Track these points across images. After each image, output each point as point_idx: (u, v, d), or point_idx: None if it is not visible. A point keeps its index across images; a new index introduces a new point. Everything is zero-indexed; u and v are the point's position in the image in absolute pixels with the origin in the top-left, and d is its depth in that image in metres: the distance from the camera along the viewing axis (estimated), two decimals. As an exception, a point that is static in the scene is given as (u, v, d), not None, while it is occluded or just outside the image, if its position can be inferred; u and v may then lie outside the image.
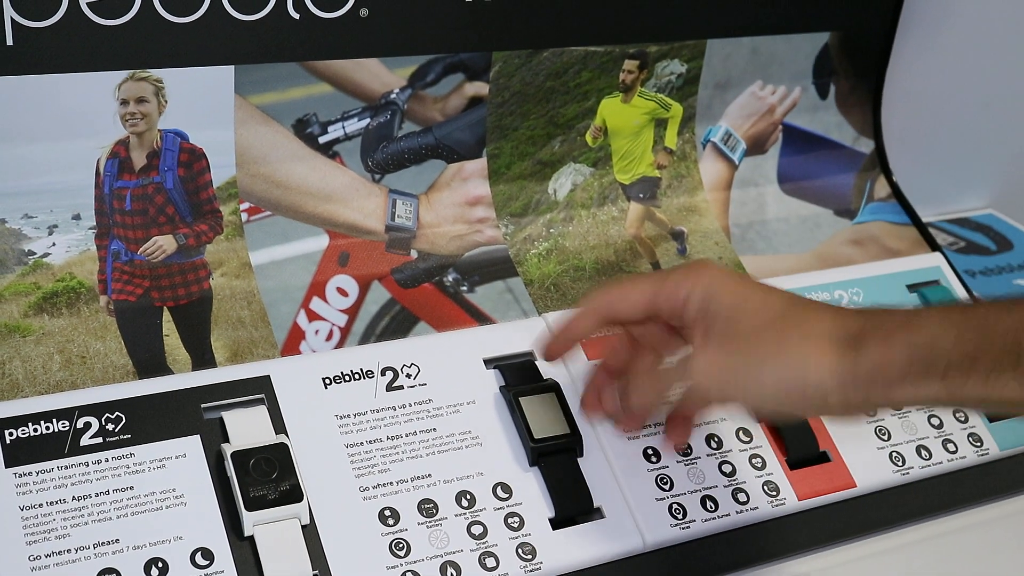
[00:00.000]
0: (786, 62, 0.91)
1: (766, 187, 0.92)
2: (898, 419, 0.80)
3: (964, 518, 0.81)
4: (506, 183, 0.83)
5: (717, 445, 0.75)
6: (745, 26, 0.87)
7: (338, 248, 0.77)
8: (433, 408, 0.71)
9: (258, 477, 0.63)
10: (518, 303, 0.79)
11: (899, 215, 0.94)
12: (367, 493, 0.66)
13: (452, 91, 0.80)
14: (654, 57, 0.85)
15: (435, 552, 0.65)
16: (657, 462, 0.73)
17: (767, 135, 0.92)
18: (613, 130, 0.86)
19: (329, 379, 0.70)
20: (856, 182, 0.95)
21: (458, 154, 0.81)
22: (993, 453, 0.81)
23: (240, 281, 0.74)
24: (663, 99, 0.87)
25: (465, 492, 0.68)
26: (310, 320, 0.74)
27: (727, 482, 0.73)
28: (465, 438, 0.70)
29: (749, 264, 0.87)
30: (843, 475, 0.76)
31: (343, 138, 0.78)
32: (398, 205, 0.79)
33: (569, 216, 0.84)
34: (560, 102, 0.84)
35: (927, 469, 0.78)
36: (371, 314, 0.76)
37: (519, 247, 0.82)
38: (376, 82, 0.77)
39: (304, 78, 0.75)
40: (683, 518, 0.71)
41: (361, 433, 0.68)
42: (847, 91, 0.95)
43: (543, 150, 0.84)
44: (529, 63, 0.81)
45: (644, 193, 0.87)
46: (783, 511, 0.73)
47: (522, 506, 0.68)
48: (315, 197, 0.77)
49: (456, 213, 0.81)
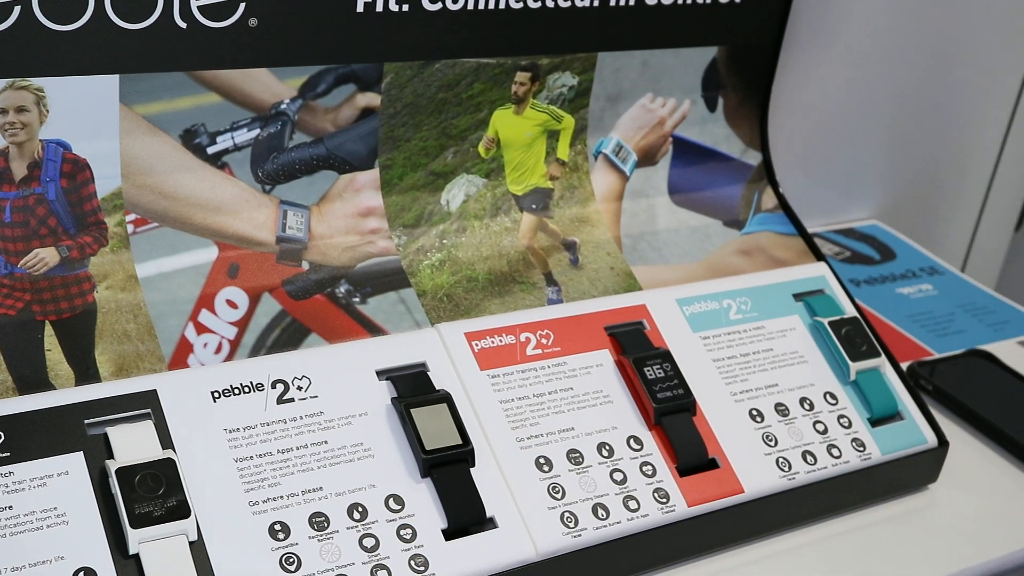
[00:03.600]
0: (676, 75, 0.93)
1: (657, 198, 0.93)
2: (785, 426, 0.82)
3: (848, 521, 0.83)
4: (399, 194, 0.83)
5: (608, 453, 0.75)
6: (635, 40, 0.89)
7: (228, 260, 0.76)
8: (324, 421, 0.70)
9: (144, 494, 0.62)
10: (411, 314, 0.79)
11: (786, 226, 0.96)
12: (257, 508, 0.65)
13: (344, 102, 0.79)
14: (546, 69, 0.86)
15: (326, 566, 0.65)
16: (549, 471, 0.73)
17: (658, 147, 0.94)
18: (506, 141, 0.87)
19: (218, 393, 0.69)
20: (744, 193, 0.97)
21: (350, 165, 0.81)
22: (876, 457, 0.83)
23: (126, 294, 0.72)
24: (555, 111, 0.88)
25: (357, 505, 0.68)
26: (199, 333, 0.73)
27: (618, 490, 0.74)
28: (357, 450, 0.70)
29: (640, 274, 0.88)
30: (731, 481, 0.77)
31: (232, 149, 0.77)
32: (289, 216, 0.79)
33: (462, 227, 0.85)
34: (453, 113, 0.84)
35: (812, 474, 0.80)
36: (261, 326, 0.75)
37: (412, 258, 0.82)
38: (266, 92, 0.76)
39: (192, 88, 0.74)
40: (575, 527, 0.71)
41: (251, 447, 0.68)
42: (735, 104, 0.96)
43: (436, 161, 0.84)
44: (421, 74, 0.81)
45: (537, 204, 0.88)
46: (673, 518, 0.74)
47: (414, 518, 0.68)
48: (204, 208, 0.76)
49: (348, 224, 0.81)
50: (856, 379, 0.86)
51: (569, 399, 0.77)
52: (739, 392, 0.82)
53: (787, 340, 0.87)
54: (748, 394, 0.82)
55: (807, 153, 1.22)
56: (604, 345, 0.80)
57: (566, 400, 0.77)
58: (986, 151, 1.39)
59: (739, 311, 0.87)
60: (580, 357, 0.79)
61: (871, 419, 0.85)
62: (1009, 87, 1.35)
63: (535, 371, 0.77)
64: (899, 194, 1.35)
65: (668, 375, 0.79)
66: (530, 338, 0.79)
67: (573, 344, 0.80)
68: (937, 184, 1.36)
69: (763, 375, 0.84)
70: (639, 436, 0.77)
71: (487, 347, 0.77)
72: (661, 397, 0.78)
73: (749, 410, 0.81)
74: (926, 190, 1.36)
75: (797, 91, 1.16)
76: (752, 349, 0.85)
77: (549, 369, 0.78)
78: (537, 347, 0.79)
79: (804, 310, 0.89)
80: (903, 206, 1.36)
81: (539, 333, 0.79)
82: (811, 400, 0.84)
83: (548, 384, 0.77)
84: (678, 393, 0.78)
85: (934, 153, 1.33)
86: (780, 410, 0.82)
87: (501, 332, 0.78)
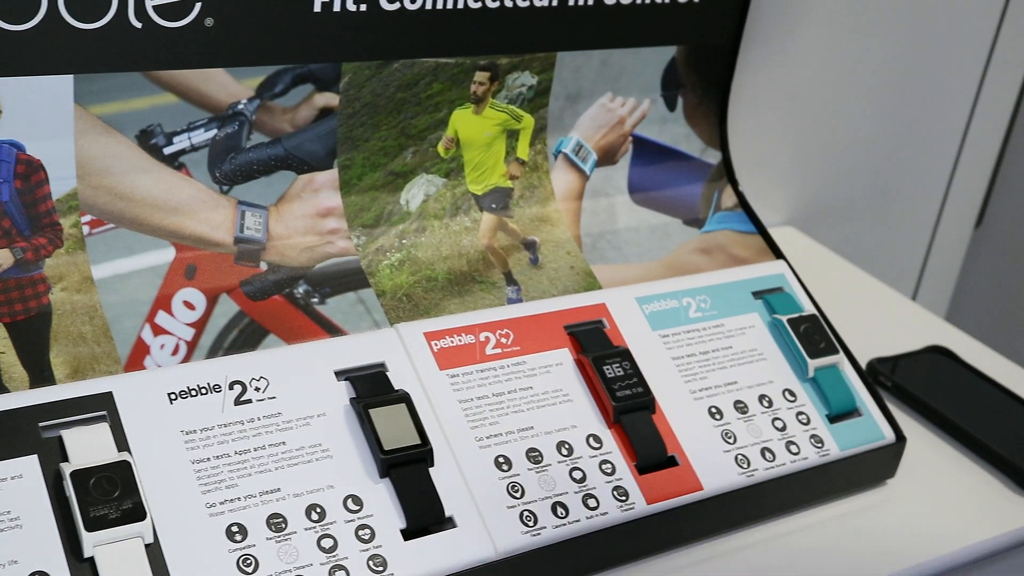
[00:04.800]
0: (635, 75, 0.93)
1: (617, 197, 0.94)
2: (744, 423, 0.82)
3: (807, 517, 0.83)
4: (358, 194, 0.83)
5: (568, 452, 0.76)
6: (594, 39, 0.89)
7: (185, 261, 0.76)
8: (282, 421, 0.70)
9: (99, 496, 0.62)
10: (370, 314, 0.79)
11: (745, 224, 0.97)
12: (214, 509, 0.65)
13: (302, 102, 0.79)
14: (505, 69, 0.86)
15: (284, 567, 0.65)
16: (508, 470, 0.73)
17: (617, 146, 0.94)
18: (465, 141, 0.87)
19: (175, 394, 0.68)
20: (704, 192, 0.97)
21: (308, 165, 0.81)
22: (834, 454, 0.84)
23: (81, 296, 0.72)
24: (514, 111, 0.88)
25: (315, 505, 0.67)
26: (155, 335, 0.73)
27: (577, 488, 0.74)
28: (315, 451, 0.70)
29: (600, 273, 0.88)
30: (691, 479, 0.78)
31: (189, 149, 0.76)
32: (247, 217, 0.79)
33: (422, 227, 0.85)
34: (412, 113, 0.84)
35: (771, 471, 0.81)
36: (219, 327, 0.75)
37: (371, 258, 0.82)
38: (223, 92, 0.76)
39: (148, 88, 0.73)
40: (534, 525, 0.71)
41: (208, 448, 0.67)
42: (695, 103, 0.97)
43: (395, 161, 0.84)
44: (380, 74, 0.81)
45: (497, 204, 0.88)
46: (632, 515, 0.75)
47: (373, 518, 0.68)
48: (161, 209, 0.76)
49: (307, 224, 0.81)
50: (815, 376, 0.86)
51: (528, 398, 0.77)
52: (698, 390, 0.83)
53: (746, 338, 0.87)
54: (707, 392, 0.83)
55: (767, 152, 1.23)
56: (564, 344, 0.81)
57: (525, 399, 0.77)
58: (946, 147, 1.40)
59: (698, 309, 0.87)
60: (539, 356, 0.79)
61: (829, 416, 0.86)
62: (968, 84, 1.36)
63: (494, 370, 0.77)
64: (856, 193, 1.36)
65: (627, 373, 0.79)
66: (489, 337, 0.79)
67: (533, 343, 0.80)
68: (897, 182, 1.38)
69: (722, 373, 0.84)
70: (598, 434, 0.77)
71: (446, 347, 0.77)
72: (620, 396, 0.78)
73: (708, 408, 0.82)
74: (885, 188, 1.37)
75: (757, 90, 1.17)
76: (711, 347, 0.85)
77: (508, 368, 0.78)
78: (497, 346, 0.79)
79: (763, 308, 0.90)
80: (861, 205, 1.37)
81: (498, 332, 0.79)
82: (770, 397, 0.84)
83: (507, 383, 0.77)
84: (637, 391, 0.79)
85: (894, 150, 1.35)
86: (739, 407, 0.83)
87: (460, 332, 0.78)
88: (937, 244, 1.47)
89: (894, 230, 1.41)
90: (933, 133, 1.37)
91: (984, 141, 1.43)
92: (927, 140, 1.37)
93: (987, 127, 1.42)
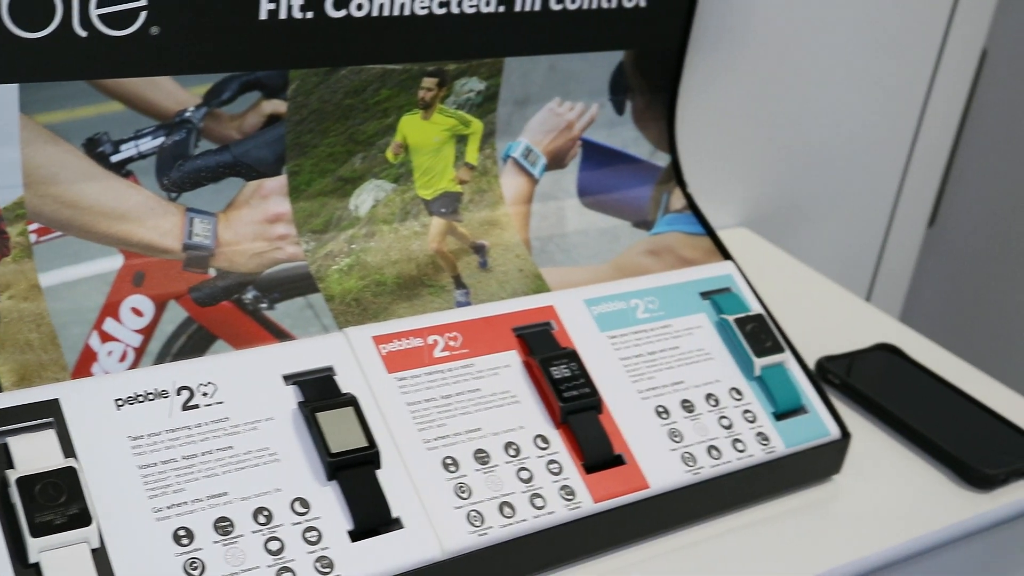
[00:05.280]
0: (583, 79, 0.94)
1: (566, 201, 0.95)
2: (690, 422, 0.83)
3: (753, 513, 0.85)
4: (307, 200, 0.83)
5: (515, 453, 0.77)
6: (542, 45, 0.90)
7: (133, 268, 0.76)
8: (230, 426, 0.71)
9: (44, 502, 0.62)
10: (319, 319, 0.80)
11: (694, 226, 0.98)
12: (160, 514, 0.66)
13: (249, 109, 0.80)
14: (452, 75, 0.87)
15: (231, 570, 0.65)
16: (456, 471, 0.74)
17: (566, 150, 0.95)
18: (414, 146, 0.88)
19: (122, 400, 0.69)
20: (653, 194, 0.99)
21: (257, 172, 0.81)
22: (780, 450, 0.85)
23: (29, 303, 0.72)
24: (463, 116, 0.89)
25: (262, 508, 0.68)
26: (103, 341, 0.73)
27: (525, 488, 0.75)
28: (263, 455, 0.70)
29: (549, 276, 0.89)
30: (637, 477, 0.79)
31: (137, 157, 0.77)
32: (196, 224, 0.79)
33: (371, 232, 0.85)
34: (360, 119, 0.85)
35: (717, 468, 0.82)
36: (167, 334, 0.76)
37: (320, 263, 0.82)
38: (170, 100, 0.77)
39: (94, 96, 0.74)
40: (481, 525, 0.72)
41: (155, 454, 0.68)
42: (643, 107, 0.98)
43: (344, 167, 0.85)
44: (327, 81, 0.82)
45: (446, 208, 0.89)
46: (579, 514, 0.76)
47: (320, 520, 0.69)
48: (108, 217, 0.76)
49: (256, 231, 0.81)
50: (761, 374, 0.88)
51: (476, 400, 0.78)
52: (645, 390, 0.84)
53: (693, 338, 0.88)
54: (654, 391, 0.84)
55: (720, 154, 1.25)
56: (512, 346, 0.82)
57: (473, 401, 0.78)
58: (898, 146, 1.42)
59: (646, 310, 0.89)
60: (488, 358, 0.80)
61: (775, 413, 0.87)
62: (918, 83, 1.38)
63: (443, 373, 0.78)
64: (810, 194, 1.37)
65: (574, 375, 0.80)
66: (438, 340, 0.80)
67: (481, 346, 0.81)
68: (850, 183, 1.39)
69: (669, 372, 0.85)
70: (546, 435, 0.78)
71: (395, 350, 0.78)
72: (567, 396, 0.79)
73: (655, 407, 0.83)
74: (838, 189, 1.39)
75: (709, 93, 1.18)
76: (659, 347, 0.87)
77: (457, 371, 0.79)
78: (445, 349, 0.80)
79: (711, 308, 0.91)
80: (815, 206, 1.38)
81: (447, 335, 0.80)
82: (716, 396, 0.86)
83: (456, 385, 0.78)
84: (584, 392, 0.80)
85: (846, 150, 1.36)
86: (686, 406, 0.84)
87: (409, 335, 0.79)
88: (890, 244, 1.49)
89: (847, 230, 1.43)
90: (884, 133, 1.39)
91: (935, 140, 1.45)
92: (879, 140, 1.39)
93: (938, 126, 1.44)
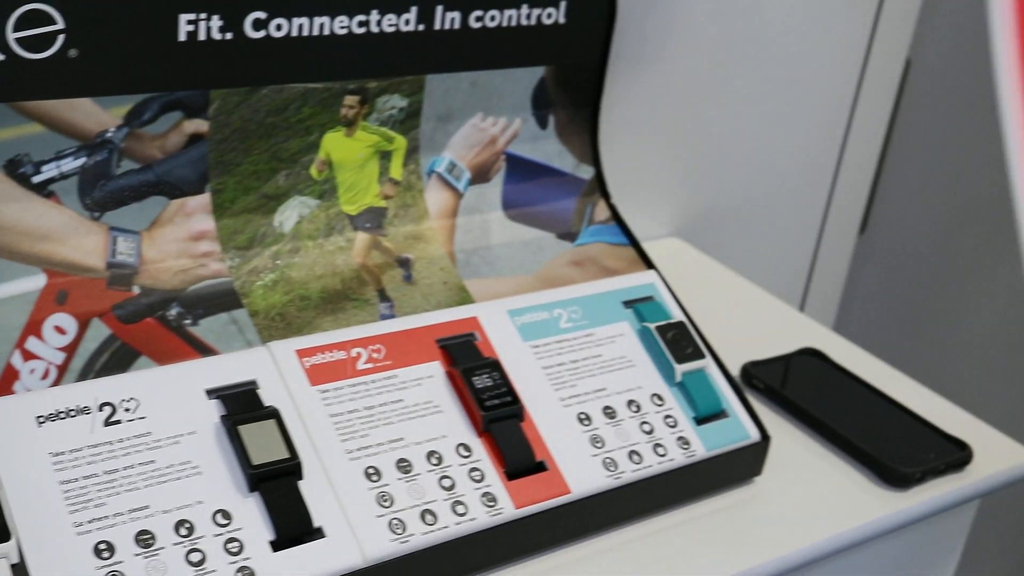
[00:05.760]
0: (505, 95, 0.96)
1: (491, 214, 0.96)
2: (612, 428, 0.85)
3: (675, 516, 0.87)
4: (231, 217, 0.85)
5: (438, 461, 0.78)
6: (462, 62, 0.92)
7: (56, 287, 0.77)
8: (152, 440, 0.72)
9: (-37, 519, 0.63)
10: (243, 334, 0.81)
11: (617, 236, 1.00)
12: (81, 528, 0.67)
13: (171, 129, 0.81)
14: (374, 92, 0.89)
15: (152, 582, 0.66)
16: (378, 480, 0.76)
17: (490, 164, 0.97)
18: (338, 163, 0.89)
19: (43, 417, 0.70)
20: (577, 206, 1.01)
21: (180, 190, 0.83)
22: (700, 454, 0.87)
23: (-50, 324, 0.73)
24: (386, 132, 0.91)
25: (184, 521, 0.69)
26: (25, 360, 0.74)
27: (447, 496, 0.77)
28: (185, 468, 0.71)
29: (473, 287, 0.91)
30: (558, 483, 0.81)
31: (59, 177, 0.78)
32: (119, 242, 0.80)
33: (296, 247, 0.87)
34: (283, 137, 0.86)
35: (638, 472, 0.84)
36: (90, 351, 0.76)
37: (244, 279, 0.84)
38: (90, 121, 0.78)
39: (13, 118, 0.75)
40: (403, 532, 0.74)
41: (76, 469, 0.69)
42: (565, 121, 1.00)
43: (268, 184, 0.86)
44: (249, 100, 0.83)
45: (371, 223, 0.91)
46: (501, 520, 0.77)
47: (242, 531, 0.70)
48: (31, 237, 0.77)
49: (180, 248, 0.82)
50: (682, 380, 0.90)
51: (399, 410, 0.80)
52: (568, 397, 0.86)
53: (616, 346, 0.90)
54: (577, 399, 0.86)
55: (649, 165, 1.27)
56: (435, 357, 0.83)
57: (396, 411, 0.79)
58: (826, 153, 1.45)
59: (569, 319, 0.90)
60: (411, 370, 0.82)
61: (696, 418, 0.89)
62: (845, 89, 1.41)
63: (365, 385, 0.80)
64: (739, 202, 1.40)
65: (496, 384, 0.82)
66: (361, 353, 0.81)
67: (404, 357, 0.82)
68: (779, 191, 1.42)
69: (592, 380, 0.87)
70: (468, 444, 0.80)
71: (318, 363, 0.79)
72: (489, 405, 0.81)
73: (577, 414, 0.85)
74: (768, 197, 1.41)
75: (634, 106, 1.20)
76: (581, 356, 0.89)
77: (380, 382, 0.80)
78: (368, 361, 0.81)
79: (633, 316, 0.93)
80: (745, 214, 1.41)
81: (370, 348, 0.82)
82: (638, 402, 0.88)
83: (379, 396, 0.80)
84: (506, 401, 0.81)
85: (774, 159, 1.39)
86: (607, 413, 0.86)
87: (332, 348, 0.80)
88: (823, 251, 1.52)
89: (779, 239, 1.46)
90: (812, 140, 1.42)
91: (863, 147, 1.48)
92: (807, 147, 1.42)
93: (866, 133, 1.47)
